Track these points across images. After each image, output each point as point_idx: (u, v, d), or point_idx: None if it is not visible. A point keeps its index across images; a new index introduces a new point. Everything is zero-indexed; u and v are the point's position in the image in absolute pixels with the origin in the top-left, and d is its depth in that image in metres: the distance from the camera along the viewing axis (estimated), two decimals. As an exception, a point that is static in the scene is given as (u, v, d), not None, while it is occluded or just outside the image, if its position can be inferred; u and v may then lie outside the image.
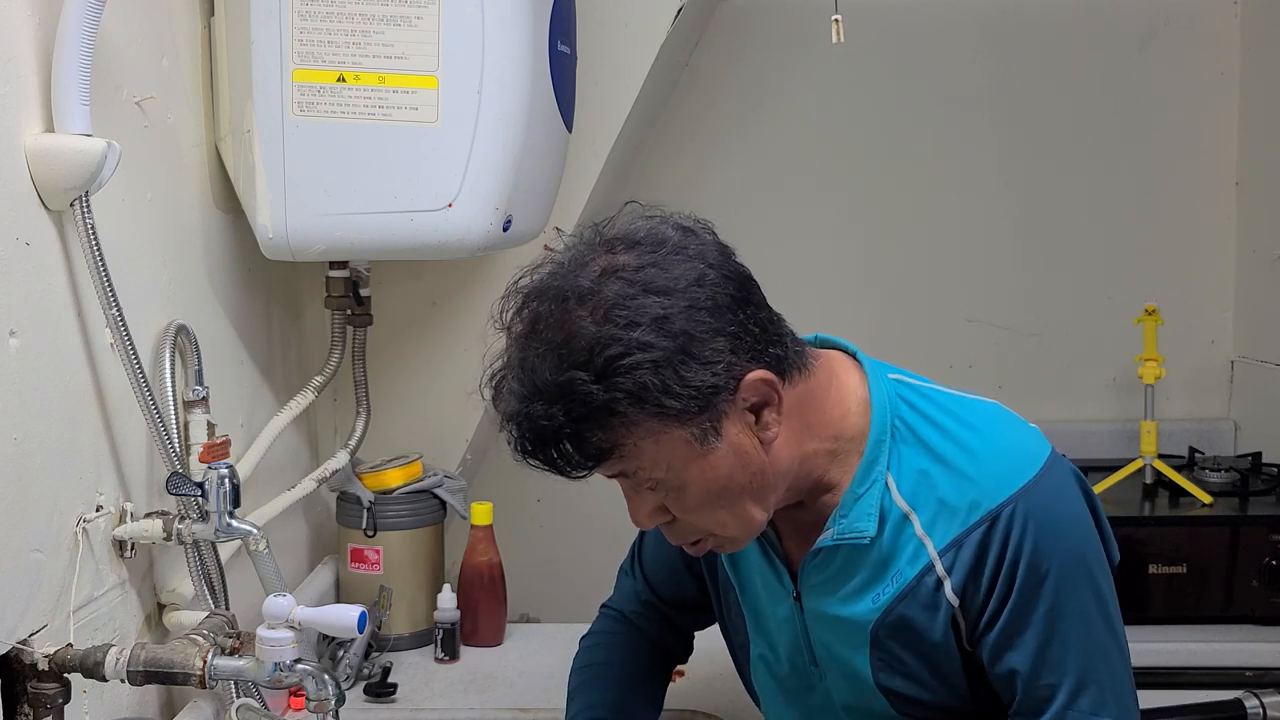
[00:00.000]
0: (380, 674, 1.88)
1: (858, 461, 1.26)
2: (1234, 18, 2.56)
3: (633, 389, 1.12)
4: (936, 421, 1.27)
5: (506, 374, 1.18)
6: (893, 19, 2.52)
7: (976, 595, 1.23)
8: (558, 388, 1.13)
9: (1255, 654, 2.03)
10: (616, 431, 1.15)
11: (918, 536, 1.25)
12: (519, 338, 1.18)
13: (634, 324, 1.12)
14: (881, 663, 1.29)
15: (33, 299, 1.25)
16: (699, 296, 1.15)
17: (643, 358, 1.12)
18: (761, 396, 1.20)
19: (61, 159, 1.25)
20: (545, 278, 1.20)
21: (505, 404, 1.18)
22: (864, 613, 1.28)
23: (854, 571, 1.28)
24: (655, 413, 1.14)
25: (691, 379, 1.14)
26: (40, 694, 1.22)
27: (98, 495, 1.38)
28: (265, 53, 1.62)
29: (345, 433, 2.08)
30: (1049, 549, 1.21)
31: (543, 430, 1.15)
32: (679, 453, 1.17)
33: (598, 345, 1.12)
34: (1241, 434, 2.56)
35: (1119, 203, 2.58)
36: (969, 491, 1.23)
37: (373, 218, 1.66)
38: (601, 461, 1.18)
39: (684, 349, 1.13)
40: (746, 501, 1.22)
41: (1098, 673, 1.23)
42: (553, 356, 1.14)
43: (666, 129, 2.55)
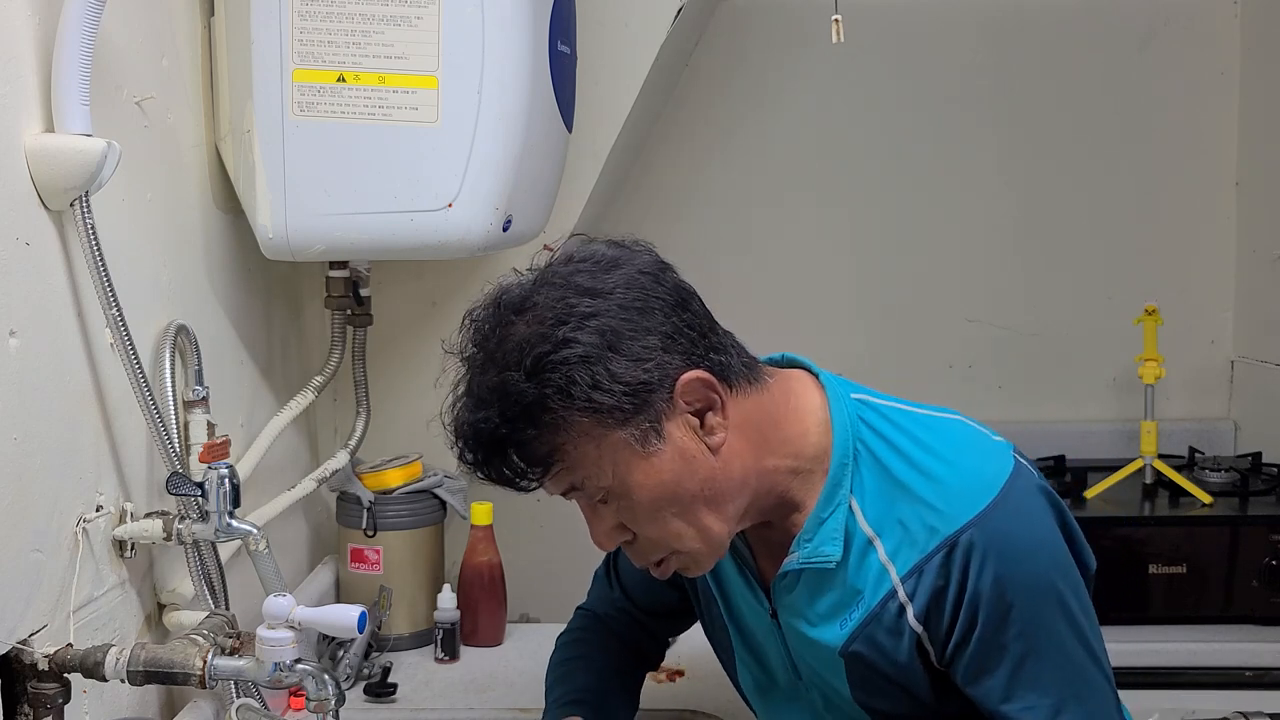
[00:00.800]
0: (380, 674, 1.88)
1: (822, 482, 1.26)
2: (1234, 18, 2.56)
3: (562, 384, 1.15)
4: (896, 445, 1.26)
5: (456, 393, 1.22)
6: (893, 19, 2.52)
7: (940, 622, 1.22)
8: (491, 391, 1.17)
9: (1255, 654, 2.04)
10: (554, 432, 1.17)
11: (881, 562, 1.24)
12: (468, 357, 1.23)
13: (561, 322, 1.16)
14: (859, 680, 1.28)
15: (33, 299, 1.25)
16: (628, 297, 1.19)
17: (569, 353, 1.15)
18: (702, 399, 1.20)
19: (61, 159, 1.25)
20: (488, 300, 1.24)
21: (453, 421, 1.22)
22: (832, 637, 1.27)
23: (821, 595, 1.28)
24: (588, 409, 1.16)
25: (621, 375, 1.16)
26: (40, 694, 1.22)
27: (98, 495, 1.38)
28: (265, 53, 1.62)
29: (345, 433, 2.08)
30: (1012, 576, 1.19)
31: (481, 435, 1.18)
32: (621, 456, 1.19)
33: (527, 344, 1.16)
34: (1241, 434, 2.56)
35: (1119, 203, 2.58)
36: (928, 517, 1.21)
37: (373, 218, 1.66)
38: (546, 468, 1.19)
39: (612, 346, 1.16)
40: (701, 510, 1.22)
41: (1076, 692, 1.22)
42: (492, 365, 1.18)
43: (666, 129, 2.55)
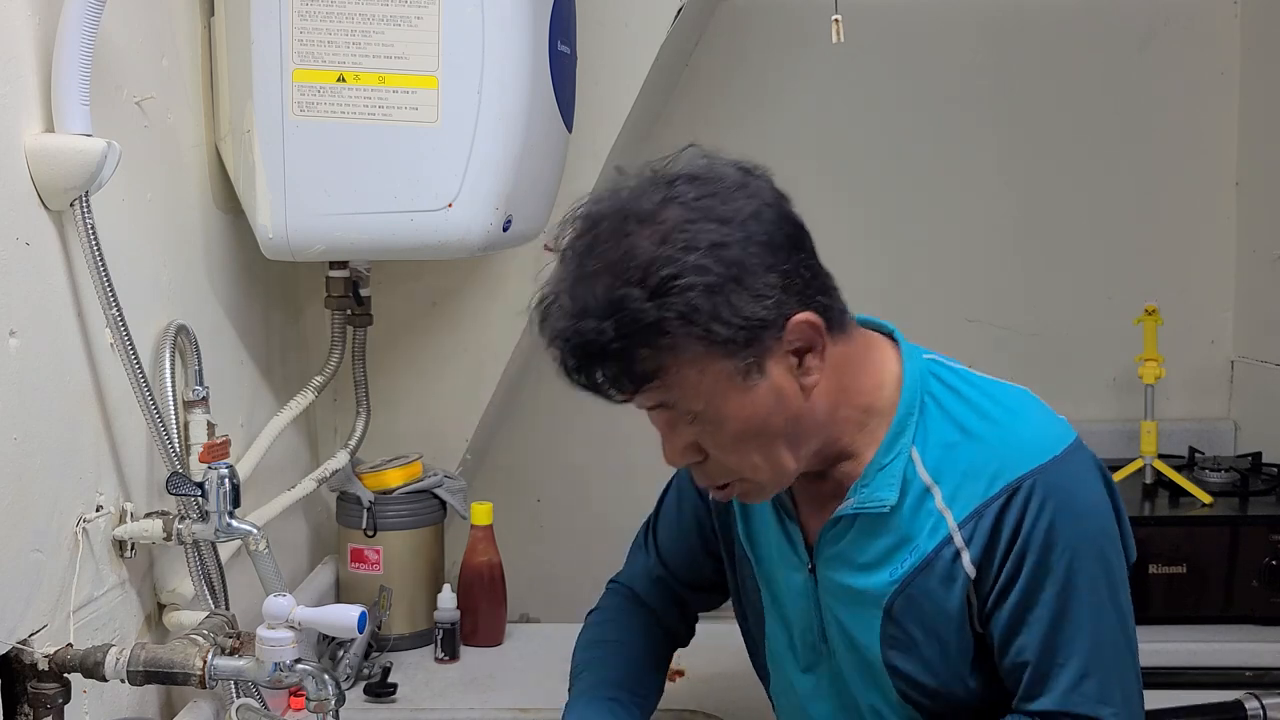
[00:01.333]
0: (380, 674, 1.88)
1: (884, 433, 1.28)
2: (1234, 18, 2.56)
3: (684, 310, 1.14)
4: (966, 396, 1.29)
5: (558, 294, 1.20)
6: (893, 19, 2.51)
7: (990, 567, 1.24)
8: (610, 304, 1.15)
9: (1255, 654, 2.03)
10: (663, 354, 1.17)
11: (938, 510, 1.26)
12: (576, 257, 1.20)
13: (691, 248, 1.15)
14: (891, 640, 1.29)
15: (33, 299, 1.25)
16: (755, 230, 1.18)
17: (696, 280, 1.14)
18: (806, 340, 1.22)
19: (61, 159, 1.25)
20: (606, 203, 1.22)
21: (554, 322, 1.19)
22: (879, 585, 1.28)
23: (871, 542, 1.29)
24: (702, 338, 1.16)
25: (742, 309, 1.16)
26: (40, 694, 1.22)
27: (98, 495, 1.38)
28: (265, 53, 1.62)
29: (345, 433, 2.08)
30: (1065, 528, 1.22)
31: (590, 346, 1.16)
32: (721, 385, 1.19)
33: (654, 264, 1.15)
34: (1241, 434, 2.56)
35: (1119, 203, 2.58)
36: (992, 463, 1.24)
37: (373, 218, 1.66)
38: (644, 385, 1.19)
39: (737, 278, 1.16)
40: (781, 446, 1.24)
41: (1105, 661, 1.24)
42: (608, 274, 1.16)
43: (666, 129, 2.55)
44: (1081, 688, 1.23)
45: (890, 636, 1.29)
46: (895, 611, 1.28)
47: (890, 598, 1.28)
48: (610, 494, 2.63)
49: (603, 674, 1.48)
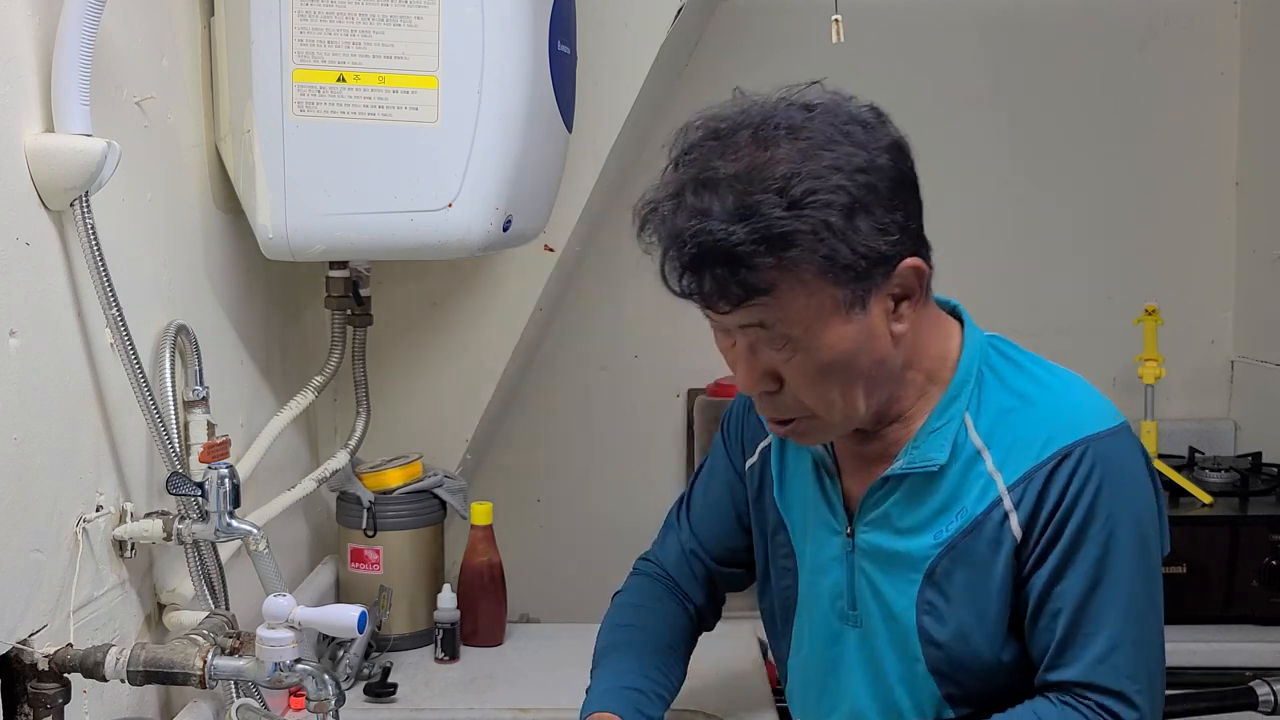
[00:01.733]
0: (380, 674, 1.88)
1: (939, 399, 1.30)
2: (1234, 18, 2.56)
3: (817, 226, 1.15)
4: (1024, 368, 1.32)
5: (677, 195, 1.20)
6: (893, 19, 2.52)
7: (1034, 530, 1.25)
8: (743, 208, 1.15)
9: (1255, 654, 2.04)
10: (782, 269, 1.17)
11: (988, 473, 1.27)
12: (698, 161, 1.20)
13: (835, 168, 1.16)
14: (928, 605, 1.29)
15: (33, 299, 1.25)
16: (888, 166, 1.20)
17: (835, 199, 1.15)
18: (908, 287, 1.24)
19: (61, 159, 1.25)
20: (736, 114, 1.23)
21: (673, 221, 1.19)
22: (924, 547, 1.29)
23: (917, 505, 1.30)
24: (824, 258, 1.16)
25: (868, 238, 1.18)
26: (40, 694, 1.22)
27: (98, 495, 1.38)
28: (265, 53, 1.62)
29: (345, 433, 2.08)
30: (1110, 498, 1.23)
31: (716, 247, 1.16)
32: (824, 312, 1.20)
33: (796, 176, 1.15)
34: (1241, 434, 2.56)
35: (1119, 203, 2.58)
36: (1045, 428, 1.26)
37: (373, 218, 1.66)
38: (753, 298, 1.18)
39: (869, 208, 1.18)
40: (859, 387, 1.25)
41: (1135, 637, 1.25)
42: (743, 180, 1.16)
43: (667, 130, 2.54)
44: (1111, 659, 1.24)
45: (927, 602, 1.29)
46: (937, 575, 1.29)
47: (933, 561, 1.29)
48: (610, 494, 2.63)
49: (625, 663, 1.48)
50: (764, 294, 1.18)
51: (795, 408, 1.27)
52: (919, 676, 1.32)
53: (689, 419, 2.61)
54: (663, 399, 2.63)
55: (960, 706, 1.32)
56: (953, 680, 1.31)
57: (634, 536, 2.64)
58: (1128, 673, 1.24)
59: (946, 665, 1.30)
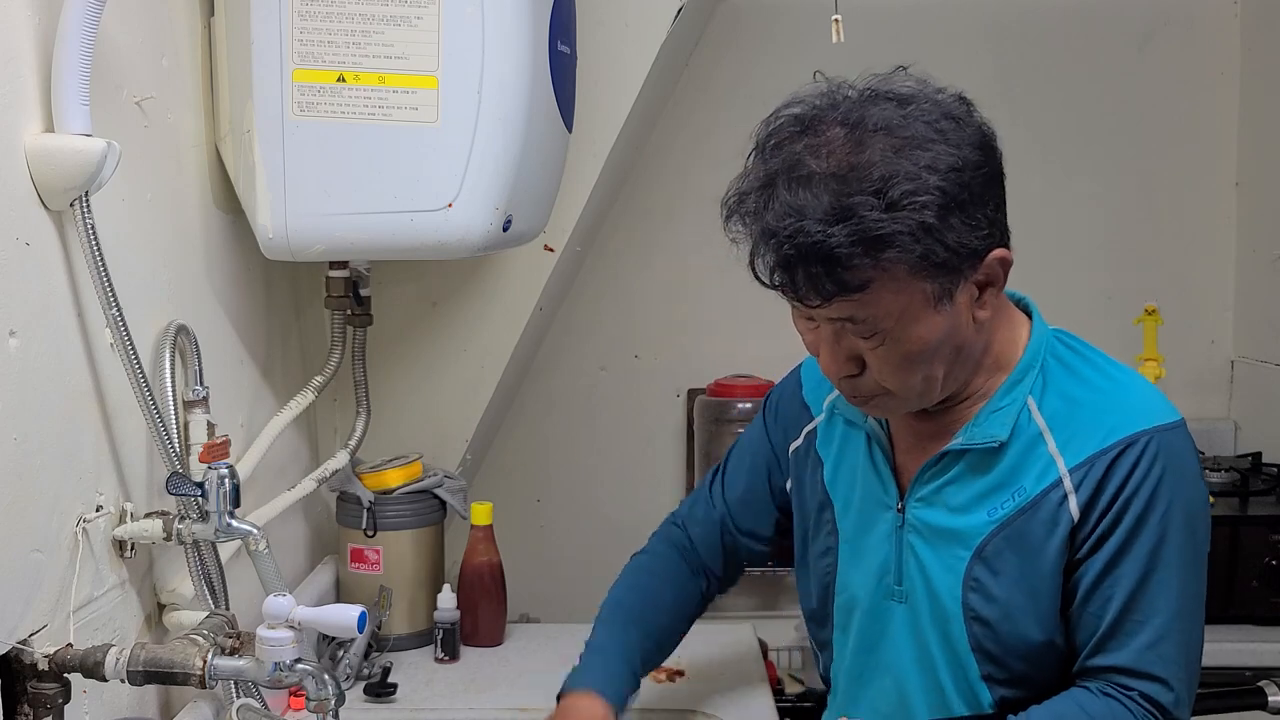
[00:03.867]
0: (380, 674, 1.88)
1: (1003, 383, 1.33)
2: (1234, 17, 2.56)
3: (914, 229, 1.16)
4: (1090, 359, 1.34)
5: (770, 188, 1.19)
6: (893, 19, 2.52)
7: (1093, 513, 1.26)
8: (841, 210, 1.16)
9: (1255, 654, 2.04)
10: (878, 268, 1.18)
11: (1049, 454, 1.29)
12: (790, 155, 1.20)
13: (932, 168, 1.17)
14: (975, 584, 1.30)
15: (33, 299, 1.25)
16: (979, 161, 1.22)
17: (932, 200, 1.17)
18: (993, 276, 1.26)
19: (61, 159, 1.25)
20: (826, 107, 1.23)
21: (767, 218, 1.19)
22: (977, 525, 1.30)
23: (973, 481, 1.31)
24: (918, 258, 1.17)
25: (959, 235, 1.19)
26: (40, 694, 1.22)
27: (98, 495, 1.38)
28: (265, 52, 1.62)
29: (345, 433, 2.08)
30: (1171, 490, 1.25)
31: (814, 248, 1.16)
32: (914, 306, 1.21)
33: (894, 178, 1.16)
34: (1241, 434, 2.56)
35: (1119, 203, 2.58)
36: (1110, 416, 1.28)
37: (372, 218, 1.66)
38: (845, 295, 1.19)
39: (963, 205, 1.19)
40: (940, 370, 1.27)
41: (1183, 628, 1.26)
42: (839, 180, 1.17)
43: (666, 129, 2.55)
44: (1158, 648, 1.25)
45: (974, 579, 1.30)
46: (987, 553, 1.30)
47: (985, 538, 1.30)
48: (610, 494, 2.63)
49: (623, 634, 1.54)
50: (857, 292, 1.19)
51: (874, 389, 1.29)
52: (960, 655, 1.33)
53: (689, 419, 2.61)
54: (663, 399, 2.63)
55: (998, 688, 1.32)
56: (993, 660, 1.31)
57: (634, 536, 2.64)
58: (1173, 660, 1.25)
59: (989, 644, 1.31)
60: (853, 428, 1.44)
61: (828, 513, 1.45)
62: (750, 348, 2.55)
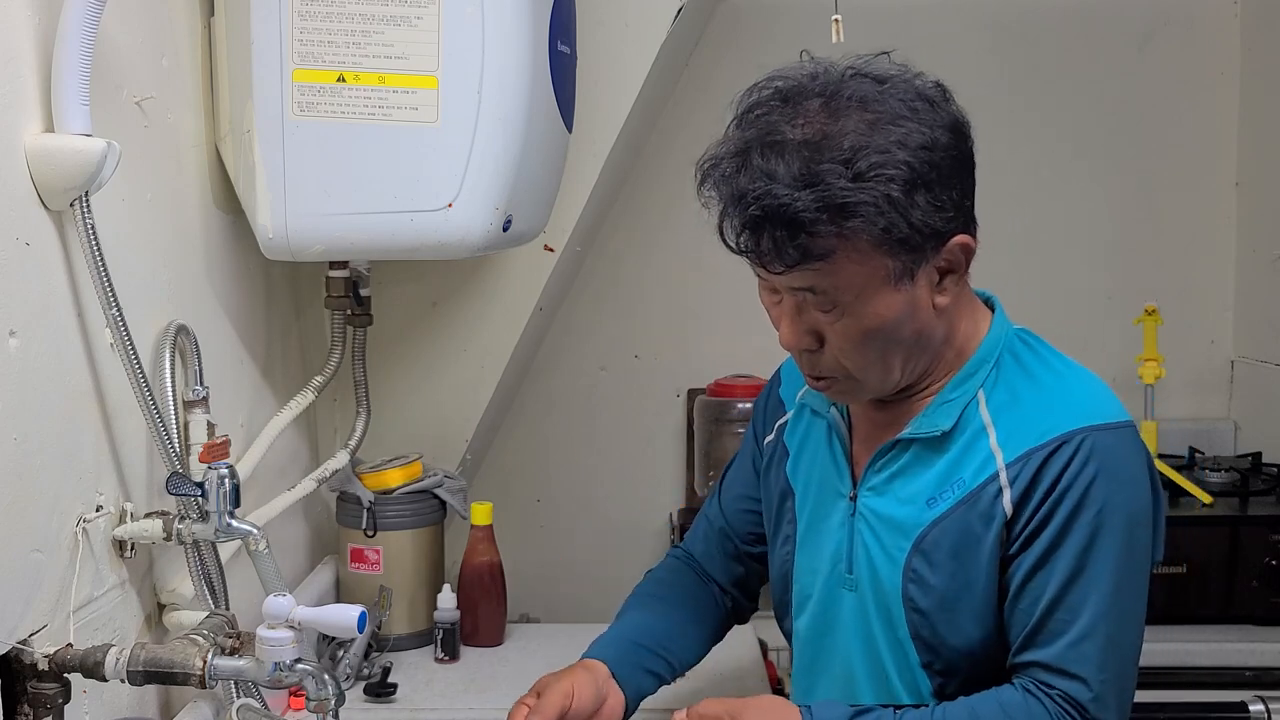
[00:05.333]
0: (380, 674, 1.88)
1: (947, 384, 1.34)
2: (1234, 17, 2.56)
3: (878, 200, 1.18)
4: (1043, 357, 1.36)
5: (743, 154, 1.22)
6: (893, 19, 2.51)
7: (1025, 510, 1.27)
8: (810, 175, 1.18)
9: (1255, 654, 2.04)
10: (841, 238, 1.20)
11: (990, 449, 1.30)
12: (765, 124, 1.23)
13: (902, 144, 1.20)
14: (914, 574, 1.32)
15: (33, 299, 1.25)
16: (950, 144, 1.24)
17: (899, 175, 1.19)
18: (955, 262, 1.28)
19: (61, 159, 1.25)
20: (805, 79, 1.25)
21: (737, 181, 1.21)
22: (917, 516, 1.32)
23: (919, 473, 1.33)
24: (882, 230, 1.19)
25: (924, 213, 1.21)
26: (40, 694, 1.22)
27: (98, 495, 1.38)
28: (265, 52, 1.62)
29: (345, 433, 2.08)
30: (1102, 490, 1.25)
31: (780, 211, 1.18)
32: (874, 281, 1.23)
33: (864, 149, 1.18)
34: (1241, 434, 2.56)
35: (1119, 203, 2.58)
36: (1050, 414, 1.29)
37: (372, 218, 1.66)
38: (808, 263, 1.21)
39: (929, 184, 1.21)
40: (897, 355, 1.29)
41: (1110, 631, 1.25)
42: (810, 147, 1.19)
43: (666, 129, 2.55)
44: (1080, 647, 1.25)
45: (913, 570, 1.32)
46: (925, 545, 1.31)
47: (925, 530, 1.31)
48: (610, 494, 2.63)
49: (640, 618, 1.53)
50: (819, 260, 1.21)
51: (833, 368, 1.30)
52: (902, 642, 1.34)
53: (689, 419, 2.61)
54: (663, 399, 2.63)
55: (937, 678, 1.33)
56: (932, 649, 1.33)
57: (634, 537, 2.65)
58: (1096, 662, 1.25)
59: (927, 633, 1.32)
60: (817, 418, 1.46)
61: (789, 502, 1.46)
62: (750, 348, 2.54)
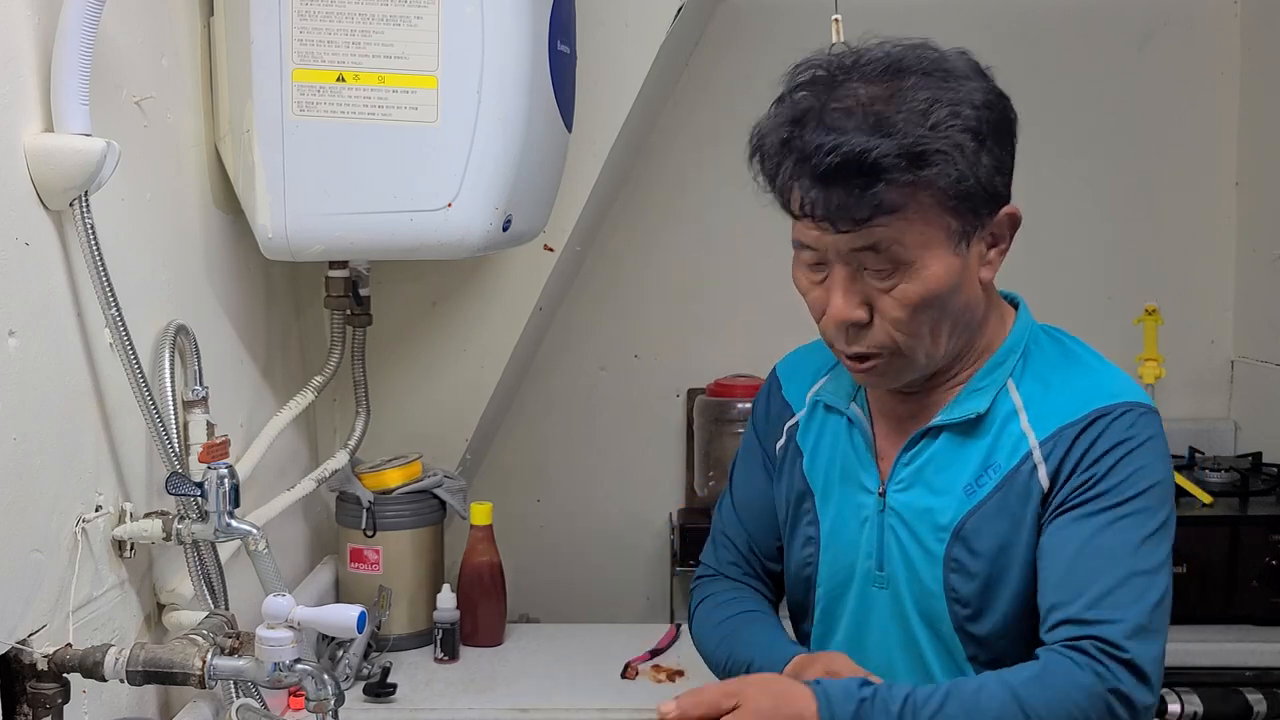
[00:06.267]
0: (380, 674, 1.88)
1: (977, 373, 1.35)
2: (1234, 17, 2.56)
3: (952, 150, 1.20)
4: (1071, 349, 1.37)
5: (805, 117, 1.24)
6: (893, 19, 2.51)
7: (1060, 477, 1.28)
8: (888, 124, 1.20)
9: (1255, 654, 2.04)
10: (914, 188, 1.20)
11: (1022, 430, 1.31)
12: (825, 89, 1.25)
13: (968, 102, 1.23)
14: (955, 564, 1.31)
15: (32, 299, 1.25)
16: (1004, 110, 1.29)
17: (970, 125, 1.22)
18: (999, 234, 1.30)
19: (61, 159, 1.25)
20: (858, 53, 1.30)
21: (810, 137, 1.22)
22: (955, 505, 1.31)
23: (953, 460, 1.33)
24: (954, 181, 1.21)
25: (987, 172, 1.23)
26: (39, 694, 1.22)
27: (97, 495, 1.38)
28: (265, 52, 1.62)
29: (345, 433, 2.08)
30: (1137, 461, 1.27)
31: (858, 159, 1.19)
32: (935, 242, 1.24)
33: (936, 101, 1.21)
34: (1241, 434, 2.56)
35: (1119, 203, 2.58)
36: (1083, 394, 1.30)
37: (372, 218, 1.66)
38: (880, 216, 1.21)
39: (992, 144, 1.24)
40: (945, 326, 1.29)
41: (1141, 583, 1.24)
42: (886, 99, 1.22)
43: (666, 129, 2.55)
44: (1113, 595, 1.23)
45: (954, 559, 1.31)
46: (965, 532, 1.30)
47: (964, 518, 1.30)
48: (610, 494, 2.63)
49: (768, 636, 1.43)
50: (890, 213, 1.21)
51: (882, 342, 1.29)
52: (944, 637, 1.33)
53: (689, 419, 2.61)
54: (663, 399, 2.63)
55: (981, 669, 1.31)
56: (977, 641, 1.32)
57: (634, 537, 2.65)
58: (1126, 605, 1.23)
59: (972, 625, 1.31)
60: (832, 415, 1.44)
61: (807, 502, 1.44)
62: (750, 348, 2.55)
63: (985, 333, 1.35)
